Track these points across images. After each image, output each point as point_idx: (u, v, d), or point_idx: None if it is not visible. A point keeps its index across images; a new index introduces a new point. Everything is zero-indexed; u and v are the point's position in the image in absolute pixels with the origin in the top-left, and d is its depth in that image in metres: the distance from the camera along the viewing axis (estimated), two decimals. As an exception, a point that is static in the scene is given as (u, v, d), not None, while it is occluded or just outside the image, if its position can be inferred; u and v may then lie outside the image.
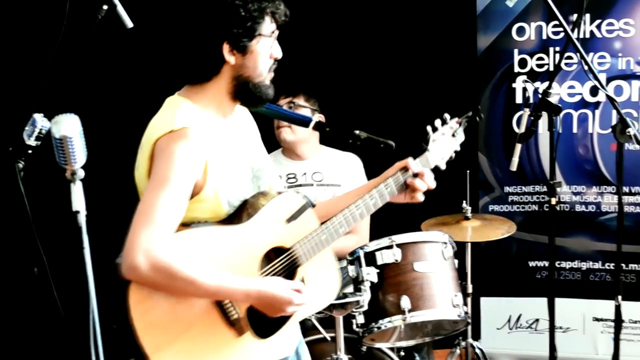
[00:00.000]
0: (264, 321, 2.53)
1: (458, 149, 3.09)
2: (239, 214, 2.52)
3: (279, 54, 2.59)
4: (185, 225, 2.43)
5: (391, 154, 2.99)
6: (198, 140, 2.39)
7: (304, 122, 3.14)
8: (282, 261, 2.59)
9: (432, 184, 2.92)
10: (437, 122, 3.01)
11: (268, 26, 2.52)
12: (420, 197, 2.92)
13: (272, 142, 4.34)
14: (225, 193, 2.49)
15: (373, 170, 3.05)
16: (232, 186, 2.52)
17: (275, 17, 2.53)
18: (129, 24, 3.07)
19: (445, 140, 3.04)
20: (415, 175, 2.88)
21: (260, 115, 2.90)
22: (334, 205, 2.85)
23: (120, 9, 3.05)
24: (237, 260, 2.45)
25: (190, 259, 2.33)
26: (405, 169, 2.87)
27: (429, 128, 2.99)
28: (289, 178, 4.26)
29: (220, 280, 2.37)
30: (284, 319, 2.58)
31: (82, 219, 1.98)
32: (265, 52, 2.53)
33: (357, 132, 3.03)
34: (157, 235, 2.26)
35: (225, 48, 2.46)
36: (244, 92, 2.54)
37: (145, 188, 2.36)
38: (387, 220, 4.27)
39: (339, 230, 2.72)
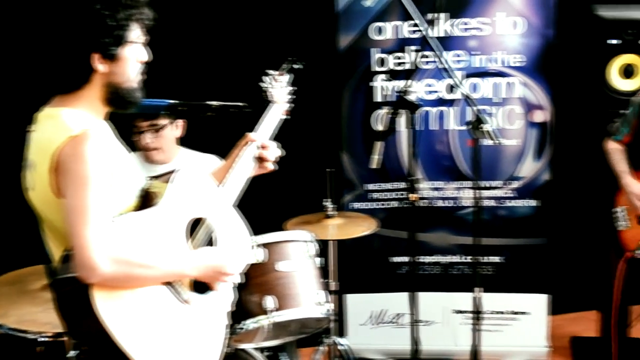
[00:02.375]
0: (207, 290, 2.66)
1: (290, 97, 3.36)
2: (145, 202, 2.56)
3: (146, 57, 2.60)
4: None
5: (244, 115, 3.11)
6: (100, 139, 2.40)
7: (161, 108, 3.12)
8: (200, 231, 2.68)
9: (278, 152, 3.09)
10: (266, 79, 3.29)
11: (135, 32, 2.54)
12: (271, 166, 3.09)
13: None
14: (131, 186, 2.54)
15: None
16: (133, 179, 2.57)
17: (142, 23, 2.56)
18: None
19: (281, 90, 3.30)
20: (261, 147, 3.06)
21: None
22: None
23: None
24: (167, 240, 2.51)
25: (138, 247, 2.40)
26: (251, 142, 3.05)
27: (263, 85, 3.27)
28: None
29: (171, 259, 2.48)
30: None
31: None
32: (133, 57, 2.55)
33: (209, 102, 3.11)
34: (102, 232, 2.29)
35: (95, 57, 2.46)
36: (115, 97, 2.55)
37: (68, 194, 2.34)
38: (250, 220, 4.26)
39: (235, 192, 2.91)
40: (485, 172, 4.77)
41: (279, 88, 3.29)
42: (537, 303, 4.94)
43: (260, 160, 3.05)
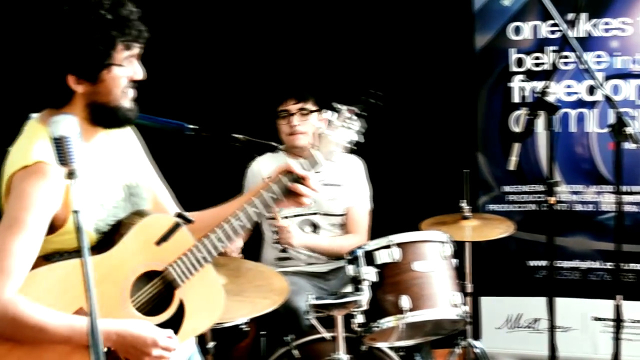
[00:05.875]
0: None
1: (355, 138, 2.76)
2: (110, 239, 2.40)
3: (139, 76, 2.41)
4: (48, 258, 2.33)
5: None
6: (54, 174, 2.24)
7: (180, 129, 2.93)
8: (155, 285, 2.45)
9: (318, 188, 2.68)
10: (328, 114, 2.75)
11: (120, 54, 2.34)
12: (306, 202, 2.67)
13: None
14: (90, 221, 2.37)
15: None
16: (98, 212, 2.41)
17: (127, 44, 2.35)
18: None
19: (337, 132, 2.72)
20: (300, 178, 2.63)
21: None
22: (216, 215, 2.62)
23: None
24: (103, 291, 2.27)
25: (41, 304, 2.22)
26: (288, 172, 2.63)
27: (317, 122, 2.90)
28: None
29: (74, 323, 2.23)
30: None
31: (81, 218, 1.96)
32: (118, 78, 2.36)
33: (235, 135, 2.95)
34: (6, 286, 2.18)
35: (71, 79, 2.32)
36: (101, 116, 2.39)
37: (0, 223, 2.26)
38: (386, 220, 4.28)
39: (217, 245, 2.52)
40: (627, 176, 4.63)
41: (339, 128, 2.74)
42: (681, 313, 4.77)
43: (295, 194, 2.64)
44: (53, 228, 2.31)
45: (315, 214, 4.23)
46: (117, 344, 2.29)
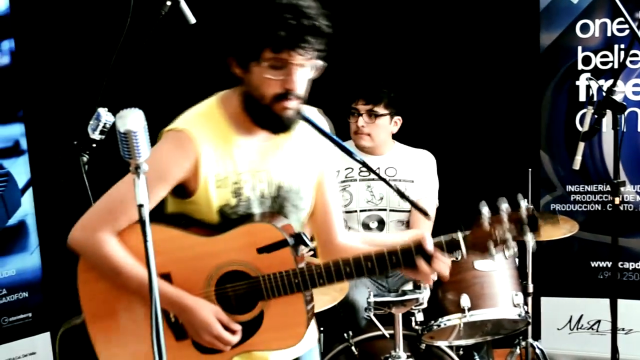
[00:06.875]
0: None
1: (530, 243, 2.48)
2: (228, 227, 2.43)
3: (289, 85, 2.34)
4: (177, 215, 2.47)
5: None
6: (192, 144, 2.36)
7: (349, 154, 2.61)
8: (240, 287, 2.44)
9: (444, 272, 2.42)
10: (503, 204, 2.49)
11: (268, 53, 2.31)
12: (428, 280, 2.46)
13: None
14: (219, 204, 2.43)
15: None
16: (227, 198, 2.44)
17: (276, 46, 2.30)
18: (192, 19, 3.09)
19: (500, 229, 2.47)
20: (428, 256, 2.40)
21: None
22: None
23: (184, 5, 3.07)
24: (191, 269, 2.41)
25: (133, 254, 2.37)
26: (420, 244, 2.40)
27: (484, 209, 2.50)
28: (361, 171, 4.24)
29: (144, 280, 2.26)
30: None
31: (145, 212, 1.98)
32: (263, 75, 2.34)
33: (389, 181, 2.75)
34: (106, 224, 2.37)
35: (231, 60, 2.40)
36: (252, 110, 2.42)
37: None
38: (447, 218, 4.24)
39: (315, 280, 2.42)
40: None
41: (507, 228, 2.45)
42: None
43: (418, 270, 2.42)
44: (184, 194, 2.44)
45: (384, 210, 4.22)
46: (179, 315, 2.41)
